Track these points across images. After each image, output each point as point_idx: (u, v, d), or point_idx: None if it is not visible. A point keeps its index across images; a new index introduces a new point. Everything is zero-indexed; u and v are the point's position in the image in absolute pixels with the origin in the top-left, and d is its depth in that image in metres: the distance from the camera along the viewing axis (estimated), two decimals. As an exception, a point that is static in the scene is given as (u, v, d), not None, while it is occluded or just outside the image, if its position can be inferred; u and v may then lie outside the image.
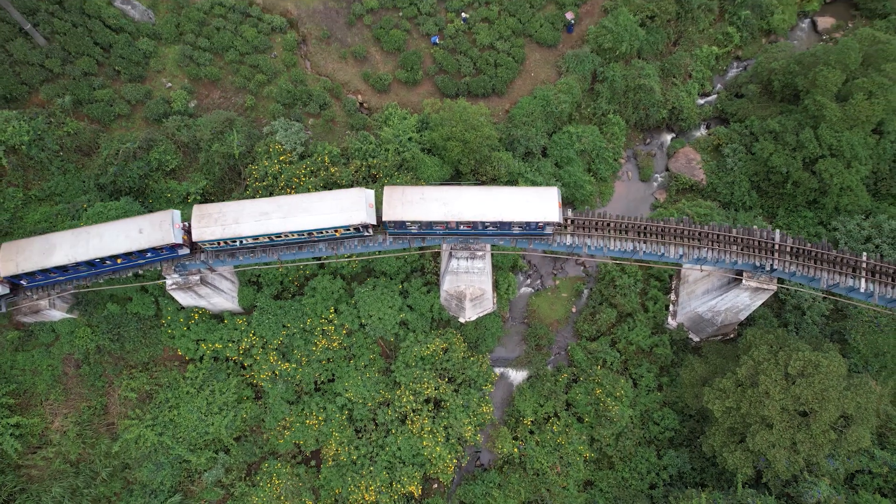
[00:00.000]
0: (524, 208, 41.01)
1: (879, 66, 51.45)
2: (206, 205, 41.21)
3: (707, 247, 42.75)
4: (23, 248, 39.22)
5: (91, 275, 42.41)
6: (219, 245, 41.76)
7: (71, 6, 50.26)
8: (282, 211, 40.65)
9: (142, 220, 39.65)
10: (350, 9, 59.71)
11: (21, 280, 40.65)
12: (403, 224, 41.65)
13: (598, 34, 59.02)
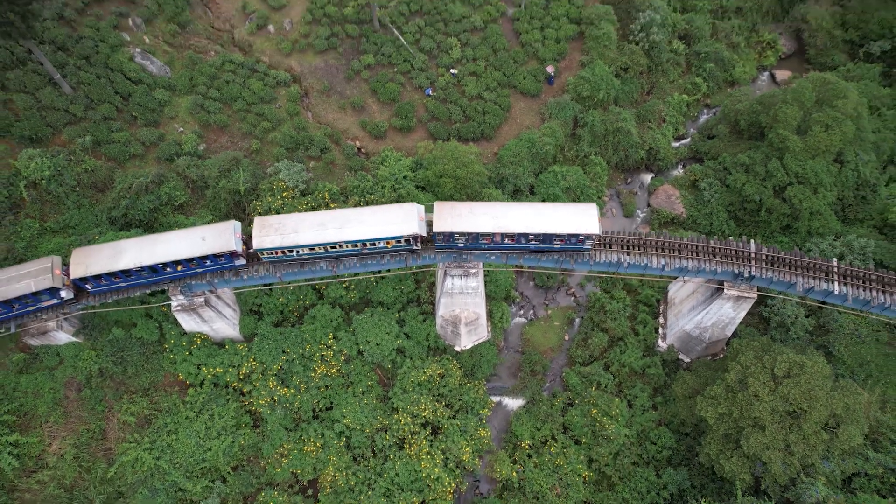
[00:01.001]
0: (566, 221, 42.55)
1: (832, 103, 56.28)
2: (267, 216, 43.68)
3: (688, 257, 45.16)
4: (92, 252, 41.40)
5: (152, 282, 43.83)
6: (275, 255, 43.43)
7: (96, 61, 55.18)
8: (337, 222, 42.73)
9: (205, 230, 42.18)
10: (349, 65, 65.28)
11: (87, 284, 42.11)
12: (452, 236, 43.27)
13: (577, 84, 64.44)
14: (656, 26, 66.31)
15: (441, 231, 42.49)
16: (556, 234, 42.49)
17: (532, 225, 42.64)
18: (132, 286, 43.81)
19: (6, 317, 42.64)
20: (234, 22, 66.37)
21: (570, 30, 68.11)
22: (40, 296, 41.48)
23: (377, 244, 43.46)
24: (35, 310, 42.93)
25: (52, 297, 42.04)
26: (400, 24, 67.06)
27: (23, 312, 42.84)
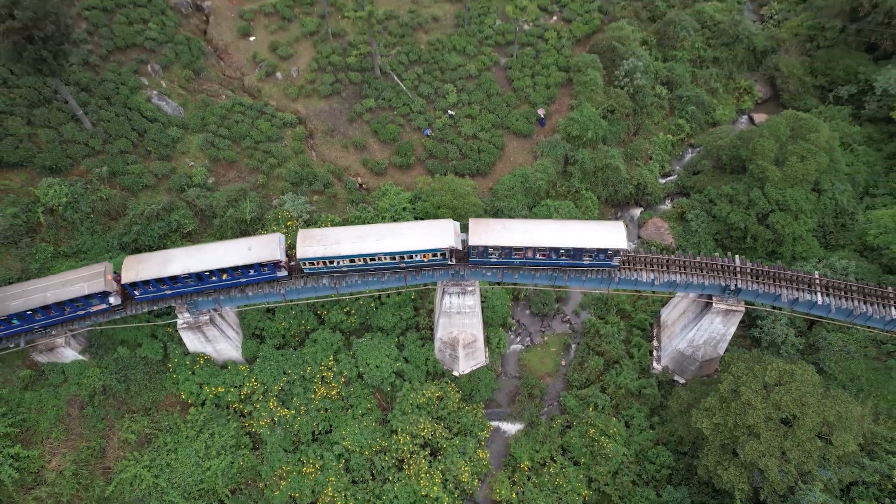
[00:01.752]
0: (595, 237, 44.25)
1: (805, 136, 59.89)
2: (310, 229, 46.26)
3: (678, 272, 47.06)
4: (144, 259, 43.75)
5: (196, 290, 45.46)
6: (316, 265, 45.19)
7: (116, 101, 58.94)
8: (377, 234, 44.97)
9: (251, 240, 44.59)
10: (351, 108, 69.37)
11: (135, 290, 43.85)
12: (486, 250, 44.88)
13: (567, 125, 68.39)
14: (639, 72, 71.04)
15: (476, 245, 44.21)
16: (585, 248, 43.89)
17: (563, 240, 44.29)
18: (177, 294, 45.47)
19: (57, 320, 44.42)
20: (245, 70, 71.02)
21: (559, 77, 72.88)
22: (91, 300, 43.36)
23: (414, 257, 45.05)
24: (84, 314, 44.64)
25: (102, 301, 43.87)
26: (399, 71, 71.77)
27: (73, 317, 44.61)
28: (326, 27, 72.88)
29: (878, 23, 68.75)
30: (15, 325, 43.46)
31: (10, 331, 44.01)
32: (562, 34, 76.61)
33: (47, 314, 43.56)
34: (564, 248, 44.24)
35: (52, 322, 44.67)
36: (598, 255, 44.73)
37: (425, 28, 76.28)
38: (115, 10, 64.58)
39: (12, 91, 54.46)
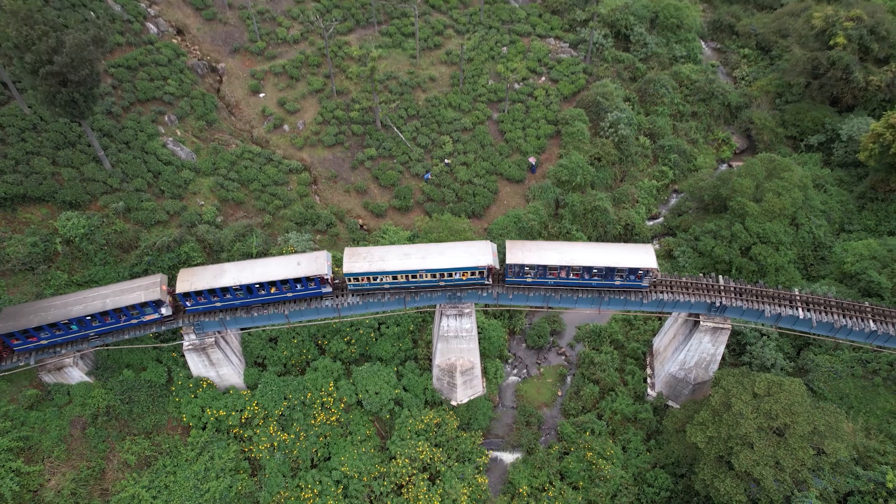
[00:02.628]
0: (626, 257, 46.19)
1: (780, 175, 64.00)
2: (357, 248, 49.27)
3: (665, 291, 49.29)
4: (197, 272, 46.32)
5: (245, 303, 47.36)
6: (361, 282, 47.27)
7: (134, 146, 63.07)
8: (420, 253, 47.50)
9: (300, 256, 47.26)
10: (354, 157, 73.79)
11: (187, 301, 45.97)
12: (522, 269, 46.97)
13: (557, 171, 72.73)
14: (623, 123, 76.32)
15: (513, 263, 46.42)
16: (617, 267, 45.81)
17: (595, 259, 46.35)
18: (227, 307, 47.45)
19: (112, 328, 46.47)
20: (254, 123, 76.00)
21: (548, 129, 78.08)
22: (146, 308, 45.53)
23: (454, 275, 47.16)
24: (137, 323, 46.66)
25: (155, 310, 46.08)
26: (399, 124, 76.87)
27: (126, 325, 46.67)
28: (331, 86, 78.60)
29: (837, 79, 74.74)
30: (73, 330, 45.67)
31: (68, 336, 46.12)
32: (550, 92, 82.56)
33: (104, 321, 45.75)
34: (597, 267, 46.07)
35: (107, 329, 46.76)
36: (629, 275, 46.45)
37: (423, 87, 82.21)
38: (138, 68, 70.12)
39: (41, 135, 58.49)
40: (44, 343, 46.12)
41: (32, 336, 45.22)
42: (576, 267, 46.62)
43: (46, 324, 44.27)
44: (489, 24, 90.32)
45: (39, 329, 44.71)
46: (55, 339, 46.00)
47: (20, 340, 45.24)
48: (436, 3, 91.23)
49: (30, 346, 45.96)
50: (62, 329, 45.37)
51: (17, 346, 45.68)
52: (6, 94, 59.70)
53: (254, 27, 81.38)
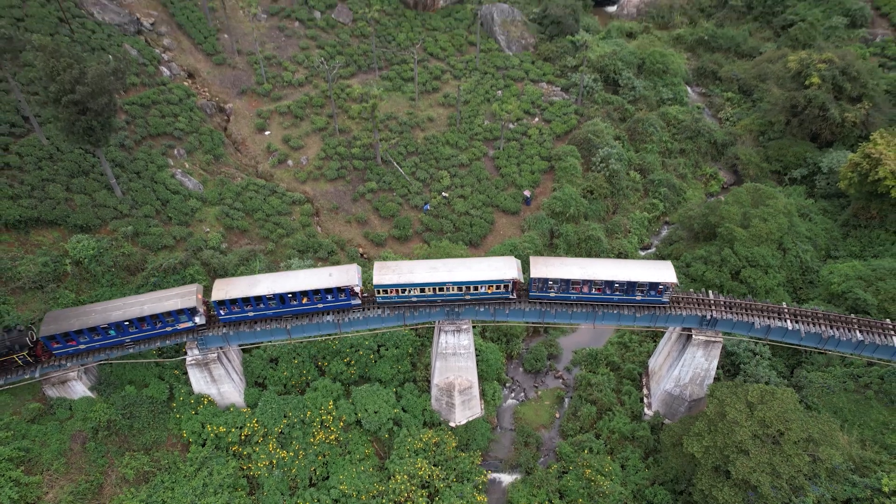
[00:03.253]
0: (646, 272, 47.98)
1: (765, 202, 66.57)
2: (386, 261, 51.78)
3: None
4: (232, 282, 48.58)
5: (277, 314, 48.74)
6: (389, 294, 48.81)
7: (145, 175, 65.69)
8: (447, 267, 49.40)
9: (331, 269, 49.38)
10: (355, 190, 76.49)
11: (221, 309, 47.40)
12: (546, 283, 48.44)
13: (551, 203, 75.36)
14: (614, 158, 79.59)
15: (537, 277, 48.04)
16: (638, 282, 47.31)
17: (617, 274, 47.93)
18: (259, 316, 48.86)
19: (147, 335, 47.83)
20: (259, 158, 79.10)
21: (541, 164, 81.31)
22: (181, 316, 47.14)
23: (480, 288, 48.66)
24: (172, 331, 48.08)
25: (190, 319, 47.61)
26: (399, 160, 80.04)
27: (161, 332, 48.08)
28: (334, 124, 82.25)
29: (815, 116, 78.64)
30: (111, 336, 47.10)
31: (105, 342, 47.49)
32: (543, 131, 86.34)
33: (140, 327, 47.21)
34: (619, 281, 47.53)
35: (142, 336, 48.15)
36: (649, 290, 47.85)
37: (422, 127, 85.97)
38: (150, 105, 73.71)
39: (56, 164, 61.08)
40: (82, 348, 47.53)
41: (72, 340, 46.66)
42: (598, 281, 47.98)
43: (87, 328, 45.91)
44: (484, 70, 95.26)
45: (80, 333, 46.29)
46: (93, 343, 47.45)
47: (60, 344, 46.69)
48: (434, 51, 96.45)
49: (69, 349, 47.35)
50: (100, 334, 46.89)
51: (57, 349, 47.09)
52: (27, 126, 62.70)
53: (261, 71, 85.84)
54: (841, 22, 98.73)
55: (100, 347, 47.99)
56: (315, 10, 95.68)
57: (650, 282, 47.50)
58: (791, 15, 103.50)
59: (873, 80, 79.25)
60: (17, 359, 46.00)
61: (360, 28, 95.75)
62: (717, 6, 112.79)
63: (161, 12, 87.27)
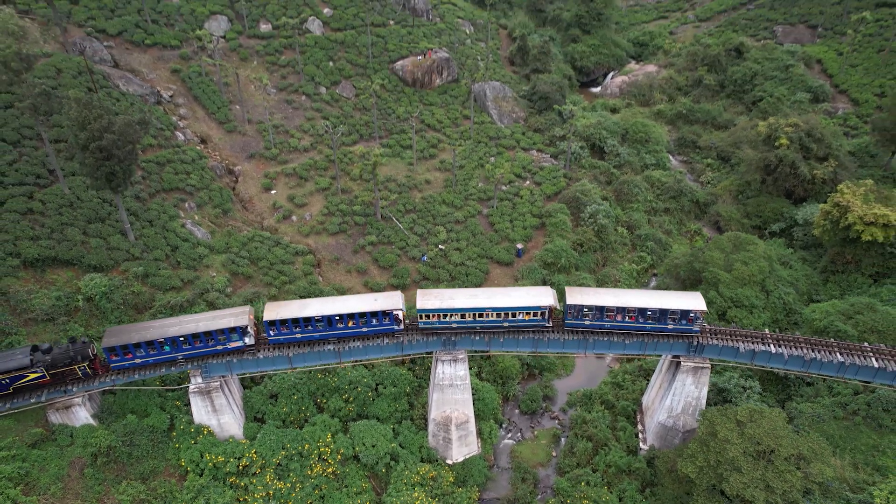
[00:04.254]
0: (677, 301, 50.21)
1: (745, 248, 70.20)
2: (428, 289, 55.19)
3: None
4: (283, 304, 52.22)
5: (324, 336, 51.00)
6: (431, 319, 51.08)
7: (157, 224, 69.33)
8: (486, 294, 52.84)
9: (377, 295, 52.87)
10: (356, 243, 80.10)
11: (270, 329, 50.06)
12: (582, 310, 50.71)
13: (543, 255, 78.93)
14: (602, 214, 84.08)
15: (573, 304, 50.54)
16: (670, 309, 49.50)
17: (649, 302, 50.39)
18: (306, 339, 51.11)
19: (199, 352, 49.99)
20: (265, 215, 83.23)
21: (533, 221, 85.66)
22: (232, 335, 49.55)
23: (518, 315, 50.95)
24: (222, 350, 50.23)
25: (240, 338, 49.95)
26: (397, 217, 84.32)
27: (212, 350, 50.21)
28: (337, 185, 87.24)
29: (787, 174, 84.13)
30: (165, 351, 49.19)
31: (159, 357, 49.48)
32: (534, 192, 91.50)
33: (193, 343, 49.35)
34: (651, 309, 49.79)
35: (195, 354, 50.15)
36: (680, 318, 49.80)
37: (419, 188, 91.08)
38: (165, 164, 78.72)
39: (76, 210, 64.84)
40: (137, 362, 49.46)
41: (129, 353, 48.70)
42: (631, 309, 50.18)
43: (144, 341, 48.30)
44: (478, 139, 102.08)
45: (138, 346, 48.53)
46: (148, 358, 49.46)
47: (118, 357, 48.74)
48: (431, 122, 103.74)
49: (125, 363, 49.34)
50: (156, 348, 49.03)
51: (115, 362, 49.07)
52: (51, 178, 67.06)
53: (269, 138, 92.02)
54: (805, 97, 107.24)
55: (154, 363, 50.05)
56: (321, 86, 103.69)
57: (682, 309, 49.49)
58: (760, 92, 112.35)
59: (836, 141, 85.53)
60: (77, 369, 48.15)
61: (363, 101, 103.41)
62: (693, 85, 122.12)
63: (179, 86, 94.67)
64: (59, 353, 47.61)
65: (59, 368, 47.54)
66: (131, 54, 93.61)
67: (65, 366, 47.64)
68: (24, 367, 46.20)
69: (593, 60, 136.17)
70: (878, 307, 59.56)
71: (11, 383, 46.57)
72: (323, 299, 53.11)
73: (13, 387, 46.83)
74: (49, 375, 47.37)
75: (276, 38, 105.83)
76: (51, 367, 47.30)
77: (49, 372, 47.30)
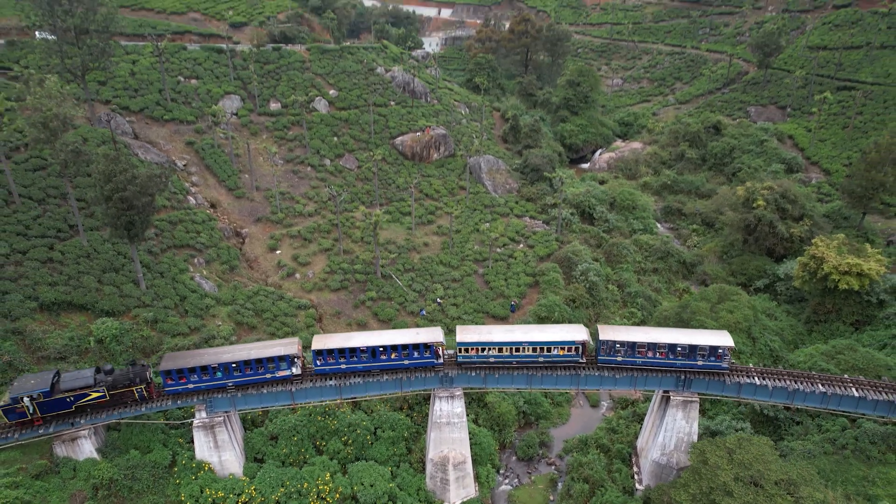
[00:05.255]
0: (706, 338, 52.40)
1: (730, 298, 73.46)
2: (467, 326, 58.62)
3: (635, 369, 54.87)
4: (329, 337, 55.18)
5: (367, 367, 53.57)
6: (469, 353, 53.77)
7: (167, 276, 72.62)
8: (522, 330, 55.52)
9: (418, 329, 56.00)
10: (356, 298, 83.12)
11: (318, 360, 53.09)
12: (614, 346, 53.18)
13: (537, 309, 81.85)
14: (592, 272, 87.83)
15: (606, 340, 53.25)
16: (699, 346, 51.81)
17: (679, 338, 53.04)
18: (350, 370, 53.62)
19: (249, 380, 52.40)
20: (270, 273, 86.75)
21: (527, 279, 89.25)
22: (281, 363, 52.35)
23: (552, 349, 53.63)
24: (270, 379, 52.68)
25: (288, 367, 52.67)
26: (397, 275, 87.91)
27: (261, 379, 52.68)
28: (339, 246, 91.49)
29: (766, 233, 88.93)
30: (217, 377, 51.66)
31: (210, 383, 51.88)
32: (527, 254, 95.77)
33: (244, 371, 51.78)
34: (681, 345, 52.20)
35: (244, 381, 52.38)
36: (709, 355, 51.93)
37: (418, 250, 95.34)
38: (177, 223, 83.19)
39: (92, 261, 68.40)
40: (190, 387, 51.74)
41: (184, 377, 51.11)
42: (662, 345, 52.59)
43: (199, 366, 50.94)
44: (473, 207, 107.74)
45: (193, 371, 51.03)
46: (200, 384, 51.76)
47: (174, 381, 51.12)
48: (429, 192, 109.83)
49: (179, 388, 51.64)
50: (209, 374, 51.39)
51: (169, 386, 51.35)
52: (72, 232, 71.15)
53: (276, 204, 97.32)
54: (780, 168, 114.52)
55: (205, 389, 52.24)
56: (325, 158, 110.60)
57: (710, 345, 51.90)
58: (738, 163, 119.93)
59: (809, 203, 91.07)
60: (135, 391, 50.52)
61: (364, 172, 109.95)
62: (676, 159, 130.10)
63: (193, 156, 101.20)
64: (120, 375, 50.46)
65: (118, 389, 50.11)
66: (150, 128, 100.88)
67: (124, 387, 50.23)
68: (88, 386, 49.07)
69: (581, 138, 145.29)
70: (858, 348, 62.01)
71: (75, 401, 49.07)
72: (366, 333, 56.51)
73: (76, 405, 49.28)
74: (109, 395, 49.87)
75: (285, 115, 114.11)
76: (111, 387, 49.92)
77: (109, 392, 49.86)
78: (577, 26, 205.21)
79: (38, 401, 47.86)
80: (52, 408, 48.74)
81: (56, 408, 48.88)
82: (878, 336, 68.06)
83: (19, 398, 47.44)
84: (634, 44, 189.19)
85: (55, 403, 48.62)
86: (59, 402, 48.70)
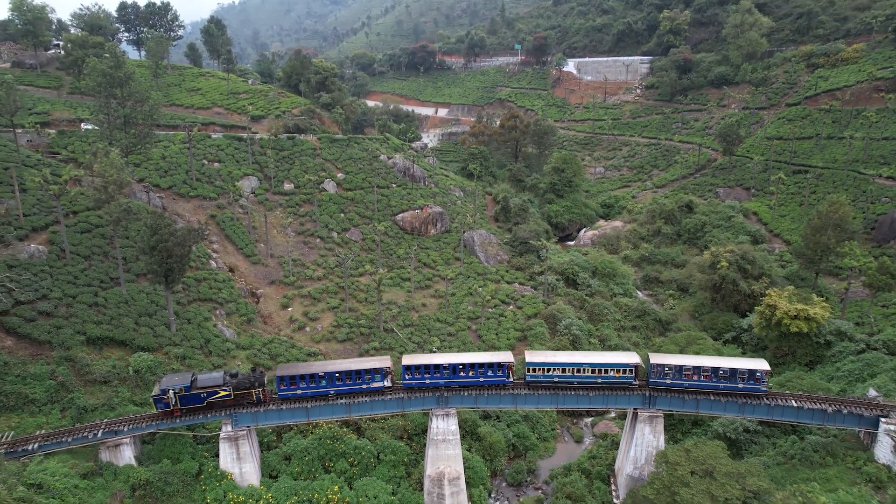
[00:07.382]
0: (745, 363, 60.53)
1: (696, 342, 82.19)
2: (534, 350, 69.34)
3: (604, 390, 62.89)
4: (417, 356, 65.68)
5: (448, 383, 62.01)
6: (536, 373, 62.09)
7: (194, 322, 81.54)
8: (582, 354, 64.78)
9: (494, 353, 65.25)
10: (361, 348, 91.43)
11: (407, 373, 61.78)
12: (664, 369, 60.93)
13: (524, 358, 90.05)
14: (575, 327, 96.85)
15: (656, 363, 61.32)
16: (739, 369, 59.74)
17: (721, 363, 61.29)
18: (433, 385, 62.12)
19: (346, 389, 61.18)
20: (282, 327, 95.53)
21: (516, 334, 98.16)
22: (376, 375, 61.93)
23: (609, 371, 61.55)
24: (366, 389, 61.52)
25: (382, 379, 61.91)
26: (398, 330, 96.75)
27: (357, 388, 61.64)
28: (345, 305, 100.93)
29: (731, 290, 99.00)
30: (321, 385, 60.28)
31: (315, 390, 60.46)
32: (517, 313, 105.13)
33: (345, 380, 60.54)
34: (723, 368, 60.21)
35: (343, 390, 60.91)
36: (748, 378, 59.47)
37: (416, 310, 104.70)
38: (202, 280, 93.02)
39: (131, 307, 77.73)
40: (299, 393, 60.14)
41: (295, 384, 59.75)
42: (706, 368, 60.42)
43: (308, 374, 59.97)
44: (467, 275, 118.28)
45: (303, 378, 59.85)
46: (307, 391, 60.34)
47: (286, 387, 59.88)
48: (426, 262, 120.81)
49: (288, 394, 60.22)
50: (315, 382, 59.95)
51: (282, 391, 60.04)
52: (113, 283, 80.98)
53: (288, 269, 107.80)
54: (746, 239, 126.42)
55: (311, 396, 60.67)
56: (333, 231, 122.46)
57: (749, 368, 59.89)
58: (709, 237, 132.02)
59: (767, 264, 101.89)
60: (254, 393, 59.23)
61: (368, 244, 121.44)
62: (654, 235, 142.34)
63: (214, 227, 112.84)
64: (243, 378, 59.40)
65: (241, 390, 59.07)
66: (177, 203, 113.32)
67: (245, 389, 59.10)
68: (218, 385, 58.29)
69: (567, 218, 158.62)
70: (805, 376, 70.20)
71: (208, 397, 58.22)
72: (447, 354, 65.96)
73: (207, 401, 58.22)
74: (234, 395, 58.69)
75: (297, 194, 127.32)
76: (236, 388, 58.89)
77: (234, 392, 58.74)
78: (562, 122, 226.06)
79: (180, 394, 57.32)
80: (189, 401, 57.70)
81: (192, 401, 58.00)
82: (826, 372, 76.23)
83: (167, 390, 56.98)
84: (615, 137, 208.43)
85: (192, 398, 57.69)
86: (195, 397, 57.77)
